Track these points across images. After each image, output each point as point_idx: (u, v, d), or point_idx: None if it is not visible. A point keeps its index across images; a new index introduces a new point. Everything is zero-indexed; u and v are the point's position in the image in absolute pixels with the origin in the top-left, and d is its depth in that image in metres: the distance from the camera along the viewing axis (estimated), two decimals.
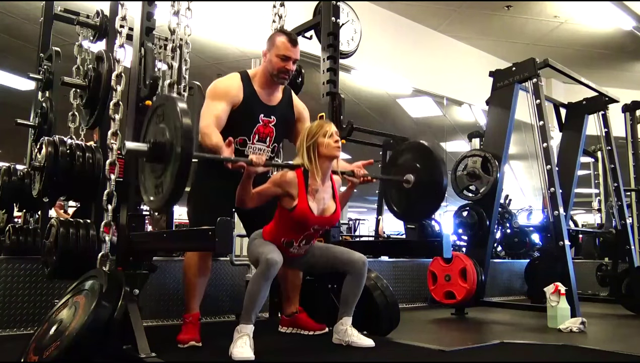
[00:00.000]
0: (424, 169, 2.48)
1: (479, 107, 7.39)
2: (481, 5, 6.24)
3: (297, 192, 2.13)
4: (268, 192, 2.17)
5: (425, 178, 2.47)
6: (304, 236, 2.23)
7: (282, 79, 2.45)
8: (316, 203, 2.17)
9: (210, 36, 5.59)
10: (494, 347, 2.42)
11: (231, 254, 3.19)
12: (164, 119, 1.87)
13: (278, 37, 2.43)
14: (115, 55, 2.33)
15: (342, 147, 2.42)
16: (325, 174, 2.19)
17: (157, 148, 1.85)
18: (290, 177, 2.14)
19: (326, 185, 2.22)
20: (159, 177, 1.86)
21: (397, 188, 2.63)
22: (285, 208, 2.16)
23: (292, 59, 2.42)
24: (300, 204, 2.12)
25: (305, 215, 2.14)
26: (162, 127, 1.86)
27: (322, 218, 2.20)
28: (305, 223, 2.17)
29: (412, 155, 2.58)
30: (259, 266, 2.05)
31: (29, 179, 2.83)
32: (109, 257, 2.16)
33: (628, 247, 4.25)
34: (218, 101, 2.35)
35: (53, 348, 1.71)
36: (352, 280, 2.26)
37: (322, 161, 2.17)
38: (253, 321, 2.05)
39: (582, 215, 11.90)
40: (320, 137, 2.16)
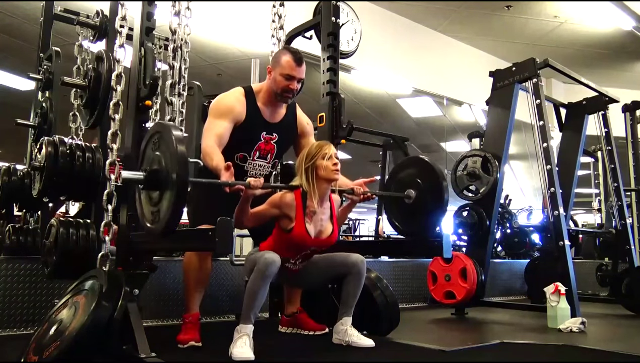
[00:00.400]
0: (424, 184, 2.45)
1: (479, 107, 7.39)
2: (481, 5, 6.24)
3: (294, 214, 2.14)
4: (266, 214, 2.17)
5: (426, 193, 2.44)
6: (301, 255, 2.26)
7: (285, 98, 2.44)
8: (313, 225, 2.19)
9: (210, 36, 5.59)
10: (494, 347, 2.43)
11: (231, 254, 3.19)
12: (159, 146, 1.88)
13: (283, 56, 2.41)
14: (115, 55, 2.33)
15: (342, 147, 2.43)
16: (323, 196, 2.20)
17: (152, 176, 1.87)
18: (288, 199, 2.15)
19: (324, 207, 2.23)
20: (156, 204, 1.87)
21: (398, 204, 2.59)
22: (283, 229, 2.17)
23: (296, 78, 2.40)
24: (298, 227, 2.14)
25: (302, 238, 2.15)
26: (158, 155, 1.87)
27: (318, 240, 2.22)
28: (302, 245, 2.20)
29: (413, 170, 2.55)
30: (256, 265, 2.06)
31: (29, 179, 2.83)
32: (109, 257, 2.16)
33: (628, 247, 4.25)
34: (221, 119, 2.34)
35: (53, 348, 1.71)
36: (351, 280, 2.26)
37: (320, 183, 2.17)
38: (253, 321, 2.05)
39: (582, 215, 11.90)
40: (319, 160, 2.16)
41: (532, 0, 6.06)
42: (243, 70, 5.38)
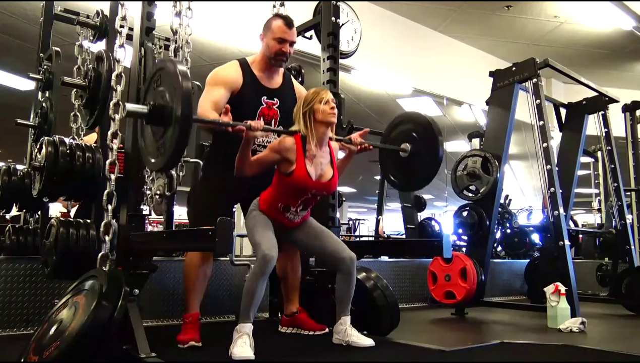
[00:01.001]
0: (420, 138, 2.58)
1: (479, 107, 7.39)
2: (481, 5, 6.24)
3: (294, 157, 2.16)
4: (266, 159, 2.20)
5: (421, 146, 2.56)
6: (302, 201, 2.24)
7: (279, 61, 2.48)
8: (314, 168, 2.20)
9: (210, 36, 5.59)
10: (494, 347, 2.42)
11: (231, 254, 3.19)
12: (163, 82, 1.89)
13: (274, 21, 2.48)
14: (115, 55, 2.33)
15: (341, 147, 2.43)
16: (321, 139, 2.22)
17: (157, 110, 1.87)
18: (288, 143, 2.17)
19: (324, 151, 2.25)
20: (160, 139, 1.88)
21: (394, 159, 2.70)
22: (283, 173, 2.18)
23: (288, 41, 2.46)
24: (298, 169, 2.15)
25: (303, 180, 2.16)
26: (162, 90, 1.87)
27: (319, 183, 2.22)
28: (303, 188, 2.19)
29: (409, 126, 2.67)
30: (255, 263, 2.07)
31: (29, 179, 2.83)
32: (109, 257, 2.15)
33: (628, 247, 4.25)
34: (216, 87, 2.37)
35: (53, 348, 1.71)
36: (342, 279, 2.27)
37: (318, 127, 2.20)
38: (252, 319, 2.05)
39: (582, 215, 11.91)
40: (316, 104, 2.20)
41: (532, 0, 6.06)
42: None
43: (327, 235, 2.35)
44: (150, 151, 1.97)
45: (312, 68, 4.26)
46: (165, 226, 3.53)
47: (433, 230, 6.29)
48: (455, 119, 8.51)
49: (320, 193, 2.27)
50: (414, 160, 2.62)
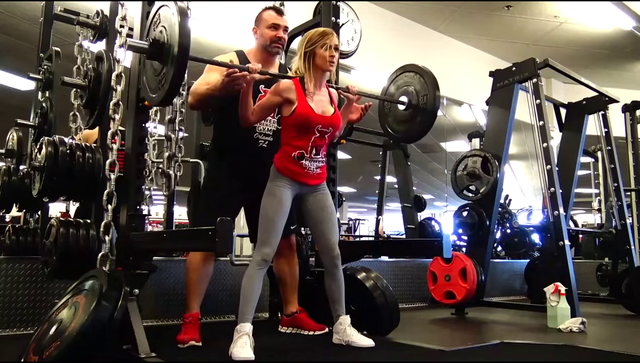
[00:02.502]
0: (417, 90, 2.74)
1: (479, 107, 7.39)
2: (481, 5, 6.24)
3: (295, 96, 2.19)
4: (268, 103, 2.23)
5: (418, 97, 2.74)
6: (312, 144, 2.21)
7: (275, 48, 2.52)
8: (315, 104, 2.22)
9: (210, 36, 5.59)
10: (494, 347, 2.43)
11: (231, 254, 3.19)
12: (162, 20, 1.96)
13: (264, 12, 2.55)
14: (115, 55, 2.33)
15: (342, 147, 2.44)
16: (318, 81, 2.25)
17: (156, 45, 1.93)
18: (288, 83, 2.21)
19: (323, 91, 2.28)
20: (159, 73, 1.95)
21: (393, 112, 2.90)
22: (288, 114, 2.20)
23: (282, 26, 2.51)
24: (300, 105, 2.18)
25: (306, 114, 2.18)
26: (161, 28, 1.94)
27: (323, 116, 2.23)
28: (308, 123, 2.19)
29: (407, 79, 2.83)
30: (251, 262, 2.09)
31: (29, 179, 2.83)
32: (109, 257, 2.16)
33: (628, 247, 4.25)
34: (212, 72, 2.38)
35: (53, 348, 1.71)
36: (329, 276, 2.29)
37: (316, 70, 2.23)
38: (251, 318, 2.05)
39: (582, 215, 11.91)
40: (318, 47, 2.21)
41: (532, 0, 6.06)
42: None
43: (330, 218, 2.31)
44: (151, 87, 2.04)
45: None
46: (165, 226, 3.54)
47: (433, 230, 6.30)
48: (455, 119, 8.51)
49: (327, 130, 2.25)
50: (411, 112, 2.79)
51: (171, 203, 3.31)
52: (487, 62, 6.80)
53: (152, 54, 1.97)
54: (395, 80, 2.92)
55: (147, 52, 1.98)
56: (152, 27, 2.03)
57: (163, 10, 1.98)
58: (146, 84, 2.09)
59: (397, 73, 2.93)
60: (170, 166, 2.85)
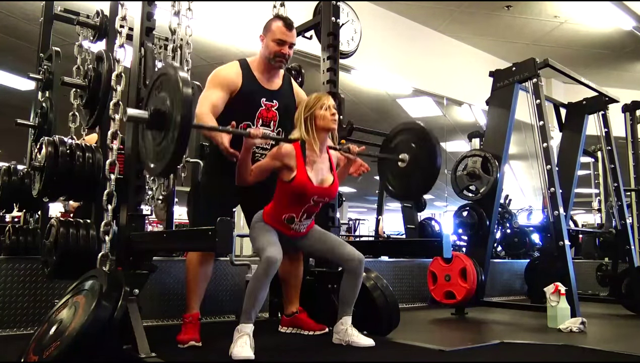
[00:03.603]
0: (418, 148, 2.57)
1: (479, 107, 7.39)
2: (481, 5, 6.24)
3: (295, 163, 2.17)
4: (267, 166, 2.21)
5: (419, 156, 2.57)
6: (305, 210, 2.24)
7: (278, 62, 2.48)
8: (314, 173, 2.21)
9: (210, 36, 5.59)
10: (494, 347, 2.42)
11: (231, 254, 3.19)
12: (164, 88, 1.90)
13: (274, 22, 2.49)
14: (115, 55, 2.33)
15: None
16: (322, 145, 2.24)
17: (157, 115, 1.88)
18: (288, 149, 2.19)
19: (323, 157, 2.26)
20: (160, 144, 1.89)
21: (393, 168, 2.70)
22: (285, 180, 2.19)
23: (288, 43, 2.46)
24: (299, 174, 2.16)
25: (304, 185, 2.17)
26: (163, 96, 1.89)
27: (321, 188, 2.22)
28: (305, 194, 2.19)
29: (407, 135, 2.66)
30: (259, 264, 2.06)
31: (29, 179, 2.83)
32: (109, 257, 2.16)
33: (628, 247, 4.25)
34: (216, 89, 2.38)
35: (53, 348, 1.71)
36: (348, 279, 2.27)
37: (319, 133, 2.22)
38: (253, 320, 2.05)
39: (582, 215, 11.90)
40: (317, 110, 2.21)
41: (532, 0, 6.06)
42: None
43: (333, 238, 2.37)
44: (150, 156, 1.97)
45: (312, 68, 4.26)
46: (165, 226, 3.54)
47: (433, 230, 6.30)
48: (455, 119, 8.51)
49: (322, 199, 2.28)
50: (412, 170, 2.61)
51: (171, 203, 3.31)
52: (487, 62, 6.80)
53: (152, 125, 1.93)
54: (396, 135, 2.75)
55: (147, 123, 1.94)
56: (153, 92, 1.98)
57: (163, 78, 1.92)
58: (144, 151, 2.03)
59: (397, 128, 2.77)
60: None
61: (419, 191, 2.66)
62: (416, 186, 2.66)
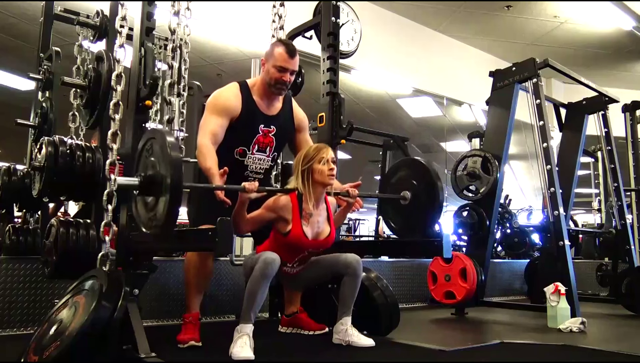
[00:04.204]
0: (420, 186, 2.48)
1: (479, 107, 7.39)
2: (481, 5, 6.24)
3: (291, 217, 2.16)
4: (262, 218, 2.20)
5: (421, 194, 2.47)
6: (298, 258, 2.27)
7: (278, 90, 2.44)
8: (310, 227, 2.20)
9: (210, 36, 5.59)
10: (494, 347, 2.43)
11: (231, 254, 3.19)
12: (153, 152, 1.89)
13: (276, 48, 2.43)
14: (115, 55, 2.33)
15: (342, 147, 2.44)
16: (318, 199, 2.22)
17: (147, 181, 1.88)
18: (284, 201, 2.17)
19: (320, 208, 2.25)
20: (152, 209, 1.88)
21: (394, 206, 2.63)
22: (280, 232, 2.19)
23: (289, 70, 2.41)
24: (294, 229, 2.15)
25: (299, 240, 2.17)
26: (153, 161, 1.87)
27: (316, 242, 2.23)
28: (300, 248, 2.21)
29: (408, 172, 2.58)
30: (257, 264, 2.07)
31: (29, 179, 2.83)
32: (109, 257, 2.16)
33: (628, 247, 4.25)
34: (216, 116, 2.35)
35: (53, 348, 1.71)
36: (348, 280, 2.27)
37: (315, 187, 2.19)
38: (253, 320, 2.05)
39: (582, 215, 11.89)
40: (315, 163, 2.18)
41: (532, 0, 6.06)
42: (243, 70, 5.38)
43: (324, 257, 2.36)
44: (143, 222, 1.95)
45: (312, 68, 4.25)
46: None
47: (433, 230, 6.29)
48: (455, 119, 8.51)
49: (317, 251, 2.29)
50: (414, 207, 2.52)
51: None
52: (487, 62, 6.80)
53: (143, 190, 1.92)
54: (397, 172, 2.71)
55: (138, 189, 1.94)
56: (143, 154, 1.97)
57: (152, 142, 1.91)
58: (137, 217, 2.01)
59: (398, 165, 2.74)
60: None
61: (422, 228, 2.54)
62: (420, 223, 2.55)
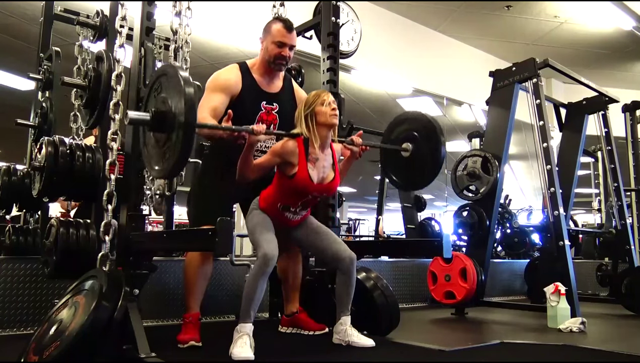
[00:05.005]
0: (421, 137, 2.58)
1: (479, 107, 7.39)
2: (481, 5, 6.24)
3: (297, 160, 2.16)
4: (269, 163, 2.20)
5: (423, 146, 2.57)
6: (302, 202, 2.24)
7: (278, 65, 2.46)
8: (316, 171, 2.20)
9: (210, 36, 5.59)
10: (494, 347, 2.43)
11: (231, 254, 3.19)
12: (164, 89, 1.88)
13: (273, 25, 2.46)
14: (115, 55, 2.33)
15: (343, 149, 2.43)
16: (323, 142, 2.23)
17: (159, 117, 1.85)
18: (291, 146, 2.18)
19: (326, 154, 2.25)
20: (163, 146, 1.86)
21: (395, 159, 2.70)
22: (286, 175, 2.18)
23: (288, 45, 2.44)
24: (300, 172, 2.15)
25: (305, 183, 2.16)
26: (163, 96, 1.85)
27: (321, 186, 2.22)
28: (305, 191, 2.19)
29: (410, 125, 2.67)
30: (256, 262, 2.07)
31: (29, 179, 2.83)
32: (109, 257, 2.16)
33: (628, 247, 4.26)
34: (216, 93, 2.36)
35: (53, 348, 1.71)
36: (342, 279, 2.27)
37: (320, 129, 2.21)
38: (252, 319, 2.05)
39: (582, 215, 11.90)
40: (317, 106, 2.20)
41: (532, 0, 6.06)
42: None
43: (327, 234, 2.35)
44: (153, 159, 1.94)
45: (312, 68, 4.26)
46: (165, 226, 3.54)
47: (433, 230, 6.30)
48: (455, 119, 8.51)
49: (321, 195, 2.28)
50: (415, 160, 2.62)
51: (171, 203, 3.31)
52: (487, 62, 6.80)
53: (154, 127, 1.89)
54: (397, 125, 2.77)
55: (149, 125, 1.91)
56: (152, 94, 1.96)
57: (163, 79, 1.89)
58: (147, 155, 2.00)
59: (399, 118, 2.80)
60: None
61: (422, 181, 2.65)
62: (420, 176, 2.66)
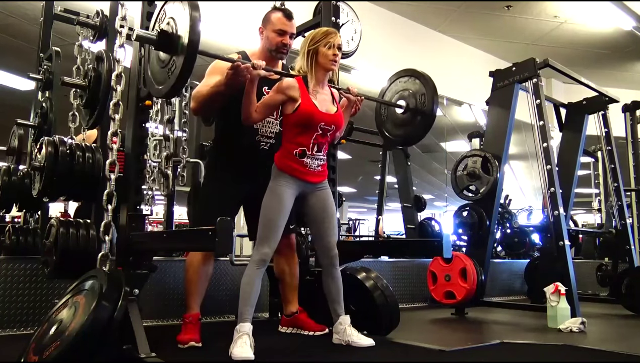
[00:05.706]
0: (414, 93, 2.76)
1: (479, 107, 7.39)
2: (481, 5, 6.24)
3: (299, 94, 2.19)
4: (271, 100, 2.24)
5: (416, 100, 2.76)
6: (314, 141, 2.22)
7: (280, 53, 2.50)
8: (319, 102, 2.23)
9: (210, 36, 5.59)
10: (494, 347, 2.43)
11: (231, 254, 3.19)
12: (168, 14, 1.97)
13: (273, 14, 2.50)
14: (115, 55, 2.33)
15: (342, 147, 2.44)
16: (320, 81, 2.26)
17: (164, 35, 1.93)
18: (291, 81, 2.22)
19: (325, 90, 2.29)
20: (165, 66, 1.96)
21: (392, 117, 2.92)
22: (290, 112, 2.20)
23: (288, 33, 2.48)
24: (304, 102, 2.19)
25: (311, 111, 2.19)
26: (169, 19, 1.95)
27: (327, 114, 2.24)
28: (312, 120, 2.20)
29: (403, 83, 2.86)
30: (251, 260, 2.09)
31: (29, 179, 2.83)
32: (109, 257, 2.16)
33: (628, 247, 4.25)
34: (215, 75, 2.36)
35: (53, 348, 1.71)
36: (325, 276, 2.31)
37: (318, 69, 2.24)
38: (251, 317, 2.06)
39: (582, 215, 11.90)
40: (321, 46, 2.22)
41: (532, 0, 6.07)
42: None
43: (331, 219, 2.33)
44: (157, 79, 2.04)
45: None
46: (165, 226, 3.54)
47: (433, 230, 6.30)
48: (455, 119, 8.51)
49: (329, 128, 2.26)
50: (410, 114, 2.80)
51: (171, 203, 3.31)
52: (487, 62, 6.80)
53: (160, 45, 1.97)
54: (393, 84, 2.94)
55: (155, 43, 1.98)
56: (157, 23, 2.04)
57: (168, 6, 1.99)
58: (151, 77, 2.09)
59: (395, 77, 2.95)
60: (169, 166, 2.86)
61: (418, 134, 2.84)
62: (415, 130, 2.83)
